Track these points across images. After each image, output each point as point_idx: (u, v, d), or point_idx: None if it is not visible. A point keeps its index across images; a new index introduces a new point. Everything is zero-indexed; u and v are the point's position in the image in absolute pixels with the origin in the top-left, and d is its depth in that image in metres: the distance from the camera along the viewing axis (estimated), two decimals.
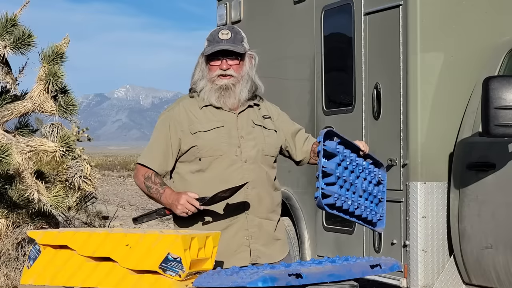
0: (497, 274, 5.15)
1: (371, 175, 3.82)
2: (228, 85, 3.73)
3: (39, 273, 3.29)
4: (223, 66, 3.73)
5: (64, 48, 7.32)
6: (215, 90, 3.73)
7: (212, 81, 3.74)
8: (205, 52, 3.74)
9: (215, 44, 3.73)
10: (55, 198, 7.39)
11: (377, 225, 3.87)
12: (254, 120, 3.80)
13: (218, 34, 3.75)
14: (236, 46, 3.73)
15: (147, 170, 3.76)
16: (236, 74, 3.74)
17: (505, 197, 5.08)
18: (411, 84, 5.55)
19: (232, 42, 3.73)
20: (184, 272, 3.04)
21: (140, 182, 3.78)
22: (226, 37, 3.74)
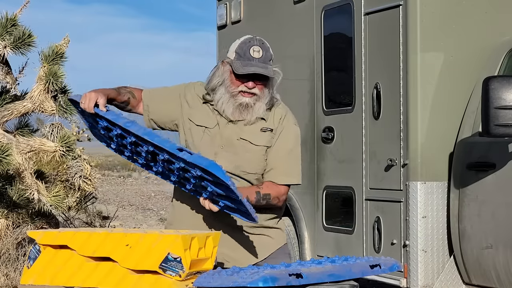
0: (497, 274, 5.15)
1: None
2: (250, 103, 3.65)
3: (39, 273, 3.29)
4: (249, 85, 3.64)
5: (64, 48, 7.32)
6: (234, 105, 3.66)
7: (233, 95, 3.67)
8: (236, 70, 3.62)
9: (246, 61, 3.62)
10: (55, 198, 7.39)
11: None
12: (242, 133, 3.70)
13: (250, 50, 3.63)
14: (267, 68, 3.62)
15: (136, 92, 3.84)
16: (259, 93, 3.66)
17: (505, 197, 5.08)
18: (411, 84, 5.55)
19: (263, 61, 3.63)
20: (184, 272, 3.04)
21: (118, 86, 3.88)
22: (258, 55, 3.62)
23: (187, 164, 3.43)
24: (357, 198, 6.03)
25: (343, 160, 6.24)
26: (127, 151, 3.75)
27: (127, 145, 3.68)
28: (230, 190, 3.37)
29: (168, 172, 3.63)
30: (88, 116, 3.79)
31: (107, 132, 3.74)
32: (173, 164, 3.52)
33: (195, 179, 3.48)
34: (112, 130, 3.68)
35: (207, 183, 3.44)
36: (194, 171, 3.42)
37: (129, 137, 3.61)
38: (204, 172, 3.38)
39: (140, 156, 3.69)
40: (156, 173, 3.73)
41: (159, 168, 3.65)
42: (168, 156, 3.49)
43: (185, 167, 3.45)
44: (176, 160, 3.47)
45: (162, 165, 3.60)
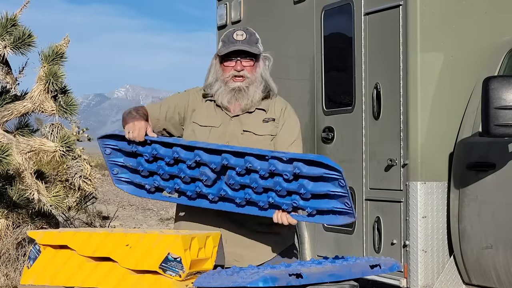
0: (497, 274, 5.15)
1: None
2: (242, 87, 3.71)
3: (39, 273, 3.29)
4: (237, 67, 3.71)
5: (64, 48, 7.32)
6: (228, 91, 3.72)
7: (226, 82, 3.73)
8: (220, 52, 3.73)
9: (229, 44, 3.71)
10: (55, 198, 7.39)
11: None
12: (245, 126, 3.75)
13: (233, 34, 3.74)
14: (251, 47, 3.72)
15: (143, 109, 3.80)
16: (250, 76, 3.72)
17: (505, 197, 5.07)
18: (411, 84, 5.55)
19: (247, 43, 3.72)
20: (184, 272, 3.04)
21: (127, 111, 3.77)
22: (241, 37, 3.72)
23: (285, 163, 3.39)
24: (357, 198, 6.03)
25: (343, 160, 6.23)
26: (170, 185, 3.63)
27: (179, 175, 3.57)
28: (335, 183, 3.33)
29: (235, 191, 3.54)
30: (123, 153, 3.65)
31: (150, 163, 3.61)
32: (252, 175, 3.44)
33: (284, 184, 3.41)
34: (162, 158, 3.57)
35: (302, 184, 3.38)
36: (290, 172, 3.37)
37: (194, 157, 3.51)
38: (311, 164, 3.34)
39: (194, 182, 3.59)
40: (211, 202, 3.61)
41: (222, 190, 3.55)
42: (252, 165, 3.42)
43: (275, 171, 3.40)
44: (266, 162, 3.41)
45: (231, 182, 3.50)
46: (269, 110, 3.80)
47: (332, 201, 3.41)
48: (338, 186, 3.35)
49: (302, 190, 3.41)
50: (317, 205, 3.45)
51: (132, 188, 3.75)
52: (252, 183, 3.48)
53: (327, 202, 3.43)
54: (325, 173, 3.35)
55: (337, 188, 3.36)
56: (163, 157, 3.59)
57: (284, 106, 3.85)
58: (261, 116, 3.79)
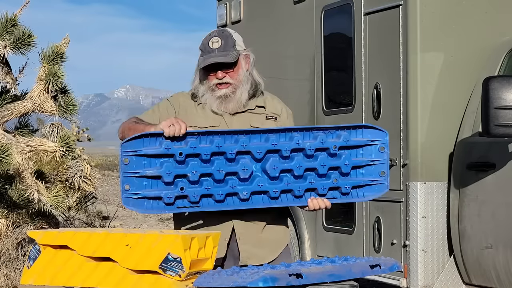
0: (497, 274, 5.15)
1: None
2: (227, 93, 3.69)
3: (39, 273, 3.29)
4: (218, 75, 3.69)
5: (64, 48, 7.32)
6: (215, 99, 3.71)
7: (211, 89, 3.71)
8: (199, 65, 3.70)
9: (206, 54, 3.68)
10: (55, 198, 7.40)
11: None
12: (251, 123, 3.74)
13: (209, 43, 3.69)
14: (227, 55, 3.66)
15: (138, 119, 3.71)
16: (233, 81, 3.70)
17: (505, 197, 5.08)
18: (411, 84, 5.55)
19: (222, 50, 3.67)
20: (184, 272, 3.04)
21: (128, 122, 3.65)
22: (217, 45, 3.67)
23: (332, 135, 3.41)
24: None
25: None
26: (198, 189, 3.44)
27: (212, 171, 3.42)
28: (376, 150, 3.40)
29: (273, 181, 3.48)
30: (146, 159, 3.40)
31: (180, 164, 3.42)
32: (295, 156, 3.41)
33: (329, 159, 3.43)
34: (197, 155, 3.41)
35: (346, 156, 3.42)
36: (338, 143, 3.40)
37: (235, 145, 3.42)
38: (357, 128, 3.40)
39: (224, 180, 3.46)
40: (242, 200, 3.49)
41: (258, 182, 3.46)
42: (300, 141, 3.39)
43: (324, 144, 3.40)
44: (313, 137, 3.41)
45: (274, 168, 3.42)
46: (267, 106, 3.80)
47: (367, 173, 3.46)
48: (378, 153, 3.41)
49: (346, 161, 3.42)
50: (353, 180, 3.48)
51: (143, 207, 3.49)
52: (296, 165, 3.43)
53: (363, 175, 3.48)
54: (370, 141, 3.42)
55: (376, 157, 3.42)
56: (200, 152, 3.43)
57: (283, 105, 3.87)
58: (263, 112, 3.79)
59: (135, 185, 3.46)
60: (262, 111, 3.79)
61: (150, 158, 3.44)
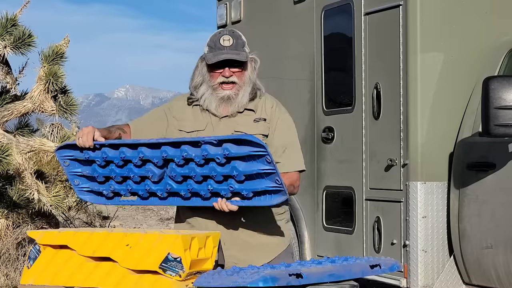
0: (497, 274, 5.15)
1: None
2: (231, 95, 3.69)
3: (39, 273, 3.29)
4: (225, 73, 3.68)
5: (64, 48, 7.33)
6: (216, 99, 3.70)
7: (214, 88, 3.70)
8: (208, 61, 3.68)
9: (217, 51, 3.66)
10: (55, 198, 7.40)
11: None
12: (237, 126, 3.73)
13: (220, 40, 3.68)
14: (239, 54, 3.67)
15: (123, 125, 3.89)
16: (238, 81, 3.69)
17: (505, 197, 5.08)
18: (411, 84, 5.55)
19: (234, 48, 3.67)
20: (184, 272, 3.04)
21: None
22: (228, 43, 3.67)
23: (215, 145, 3.47)
24: (357, 198, 6.03)
25: (343, 160, 6.24)
26: (124, 188, 3.78)
27: (129, 175, 3.71)
28: (263, 161, 3.43)
29: (179, 184, 3.65)
30: (79, 160, 3.79)
31: (103, 168, 3.76)
32: (190, 164, 3.55)
33: (218, 168, 3.49)
34: (112, 162, 3.71)
35: (234, 166, 3.47)
36: (221, 155, 3.46)
37: (138, 154, 3.64)
38: (238, 143, 3.43)
39: (143, 181, 3.72)
40: (161, 199, 3.74)
41: (167, 185, 3.68)
42: (187, 153, 3.52)
43: (207, 156, 3.49)
44: (199, 149, 3.50)
45: (173, 175, 3.61)
46: (257, 110, 3.78)
47: (264, 180, 3.50)
48: (266, 163, 3.44)
49: (234, 172, 3.49)
50: (251, 186, 3.53)
51: (93, 197, 3.89)
52: (191, 172, 3.57)
53: (260, 182, 3.52)
54: (251, 151, 3.43)
55: (265, 165, 3.45)
56: (112, 159, 3.71)
57: (274, 104, 3.82)
58: (251, 116, 3.76)
59: (82, 180, 3.85)
60: (251, 114, 3.77)
61: (81, 162, 3.81)
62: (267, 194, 3.54)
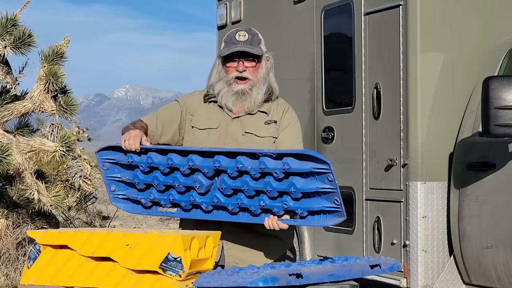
0: (497, 274, 5.15)
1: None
2: (245, 90, 3.71)
3: (39, 273, 3.29)
4: (239, 68, 3.71)
5: (64, 48, 7.32)
6: (231, 94, 3.72)
7: (229, 84, 3.72)
8: (222, 53, 3.72)
9: (231, 45, 3.71)
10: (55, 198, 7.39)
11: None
12: (247, 127, 3.75)
13: (235, 35, 3.73)
14: (253, 48, 3.71)
15: (140, 122, 3.79)
16: (252, 77, 3.72)
17: (505, 197, 5.07)
18: (411, 84, 5.55)
19: (249, 43, 3.71)
20: (184, 272, 3.04)
21: (127, 124, 3.78)
22: (243, 38, 3.71)
23: (274, 158, 3.37)
24: (357, 198, 6.03)
25: (343, 160, 6.23)
26: (165, 198, 3.61)
27: (174, 185, 3.56)
28: (323, 179, 3.31)
29: (228, 197, 3.53)
30: (120, 164, 3.64)
31: (146, 175, 3.60)
32: (244, 177, 3.43)
33: (275, 183, 3.39)
34: (157, 168, 3.56)
35: (292, 182, 3.35)
36: (280, 169, 3.35)
37: (187, 163, 3.50)
38: (300, 158, 3.32)
39: (188, 192, 3.58)
40: (205, 212, 3.59)
41: (214, 198, 3.53)
42: (243, 164, 3.40)
43: (265, 169, 3.38)
44: (256, 161, 3.39)
45: (223, 187, 3.48)
46: (270, 113, 3.80)
47: (322, 199, 3.40)
48: (327, 182, 3.34)
49: (292, 188, 3.38)
50: (307, 205, 3.43)
51: (129, 205, 3.75)
52: (244, 186, 3.46)
53: (317, 201, 3.41)
54: (314, 168, 3.34)
55: (326, 184, 3.35)
56: (158, 166, 3.58)
57: (286, 108, 3.86)
58: (263, 118, 3.79)
59: (120, 186, 3.69)
60: (263, 116, 3.78)
61: (122, 167, 3.67)
62: (321, 214, 3.44)
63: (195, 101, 3.83)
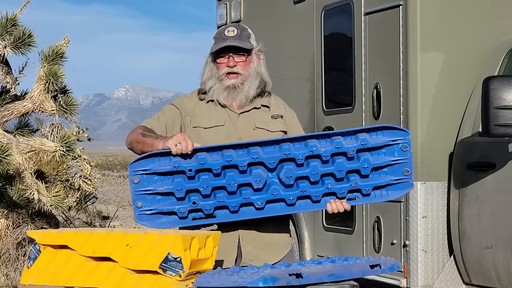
0: (497, 274, 5.15)
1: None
2: (236, 84, 3.71)
3: (39, 273, 3.29)
4: (230, 63, 3.71)
5: (64, 48, 7.33)
6: (223, 89, 3.72)
7: (220, 79, 3.73)
8: (212, 50, 3.74)
9: (221, 41, 3.72)
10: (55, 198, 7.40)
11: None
12: (256, 122, 3.76)
13: (224, 31, 3.74)
14: (242, 42, 3.72)
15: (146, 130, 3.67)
16: (243, 71, 3.73)
17: (505, 197, 5.08)
18: (411, 84, 5.55)
19: (238, 38, 3.72)
20: (184, 272, 3.04)
21: (135, 134, 3.62)
22: (232, 33, 3.73)
23: (349, 137, 3.31)
24: None
25: None
26: (211, 202, 3.42)
27: (226, 185, 3.39)
28: (397, 149, 3.30)
29: (289, 188, 3.42)
30: (158, 173, 3.39)
31: (191, 180, 3.39)
32: (311, 162, 3.33)
33: (346, 163, 3.32)
34: (209, 169, 3.37)
35: (365, 158, 3.30)
36: (355, 147, 3.29)
37: (247, 157, 3.36)
38: (377, 130, 3.29)
39: (238, 191, 3.43)
40: (257, 209, 3.45)
41: (273, 191, 3.40)
42: (316, 148, 3.30)
43: (341, 149, 3.30)
44: (329, 143, 3.31)
45: (288, 176, 3.36)
46: (272, 107, 3.82)
47: (389, 172, 3.38)
48: (400, 153, 3.32)
49: (365, 164, 3.32)
50: (374, 181, 3.40)
51: (157, 221, 3.51)
52: (312, 171, 3.35)
53: (384, 175, 3.38)
54: (390, 141, 3.32)
55: (397, 156, 3.32)
56: (211, 167, 3.39)
57: (286, 104, 3.90)
58: (267, 113, 3.80)
59: (148, 201, 3.47)
60: (266, 110, 3.81)
61: (161, 175, 3.44)
62: (385, 188, 3.39)
63: (191, 103, 3.83)
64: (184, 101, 3.84)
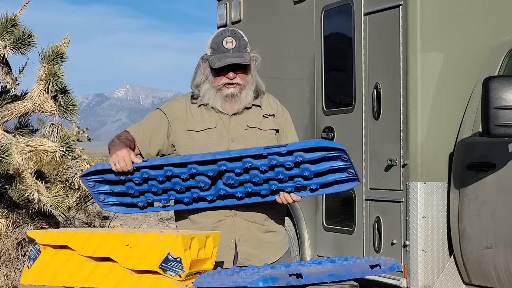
0: (497, 274, 5.15)
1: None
2: (235, 93, 3.71)
3: (39, 273, 3.29)
4: (229, 75, 3.70)
5: (64, 48, 7.33)
6: (221, 98, 3.72)
7: (219, 89, 3.71)
8: (212, 64, 3.68)
9: (220, 54, 3.67)
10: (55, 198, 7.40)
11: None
12: (248, 122, 3.76)
13: (222, 42, 3.68)
14: (243, 56, 3.68)
15: (126, 134, 3.78)
16: (242, 82, 3.72)
17: (505, 197, 5.08)
18: (411, 84, 5.55)
19: (237, 51, 3.67)
20: (184, 272, 3.04)
21: (116, 136, 3.76)
22: (231, 45, 3.67)
23: (285, 155, 3.42)
24: (357, 198, 6.03)
25: None
26: (165, 198, 3.64)
27: (174, 188, 3.58)
28: (337, 160, 3.39)
29: (234, 188, 3.57)
30: (109, 182, 3.64)
31: (141, 185, 3.62)
32: (252, 171, 3.47)
33: (286, 171, 3.44)
34: (154, 178, 3.57)
35: (305, 167, 3.42)
36: (291, 161, 3.41)
37: (186, 170, 3.52)
38: (310, 151, 3.39)
39: (189, 191, 3.61)
40: (210, 202, 3.63)
41: (220, 190, 3.57)
42: (251, 163, 3.44)
43: (277, 163, 3.43)
44: (265, 159, 3.44)
45: (230, 182, 3.52)
46: (263, 106, 3.83)
47: (335, 173, 3.49)
48: (340, 161, 3.43)
49: (305, 173, 3.46)
50: (320, 180, 3.51)
51: (122, 208, 3.76)
52: (253, 178, 3.52)
53: (330, 175, 3.50)
54: (327, 154, 3.42)
55: (339, 163, 3.44)
56: (155, 177, 3.59)
57: (277, 102, 3.91)
58: (259, 112, 3.81)
59: (108, 195, 3.71)
60: (258, 110, 3.81)
61: (112, 184, 3.67)
62: (334, 185, 3.52)
63: (181, 107, 3.81)
64: (174, 105, 3.83)
